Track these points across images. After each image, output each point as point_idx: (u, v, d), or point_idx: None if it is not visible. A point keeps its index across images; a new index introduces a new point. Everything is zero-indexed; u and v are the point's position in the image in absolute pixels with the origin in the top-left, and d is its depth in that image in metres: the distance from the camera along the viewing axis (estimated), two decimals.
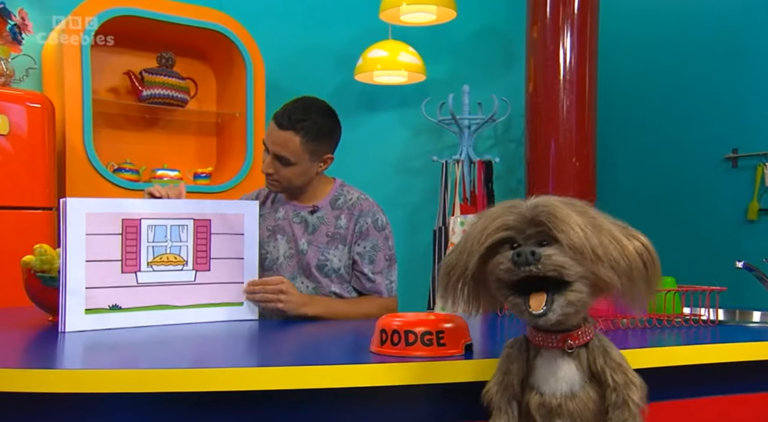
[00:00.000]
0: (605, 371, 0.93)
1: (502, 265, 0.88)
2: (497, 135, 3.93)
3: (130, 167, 3.02)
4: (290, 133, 1.70)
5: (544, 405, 0.93)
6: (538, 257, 0.85)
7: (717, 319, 1.53)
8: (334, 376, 1.00)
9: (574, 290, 0.87)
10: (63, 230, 1.44)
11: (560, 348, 0.93)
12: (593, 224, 0.88)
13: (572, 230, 0.85)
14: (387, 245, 1.81)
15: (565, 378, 0.93)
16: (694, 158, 3.38)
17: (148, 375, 0.98)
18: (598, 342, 0.95)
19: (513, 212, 0.90)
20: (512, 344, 0.98)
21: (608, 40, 3.47)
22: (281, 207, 1.86)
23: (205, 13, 3.08)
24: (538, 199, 0.90)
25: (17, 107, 2.51)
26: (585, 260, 0.86)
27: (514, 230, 0.89)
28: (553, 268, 0.86)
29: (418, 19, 3.24)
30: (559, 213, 0.87)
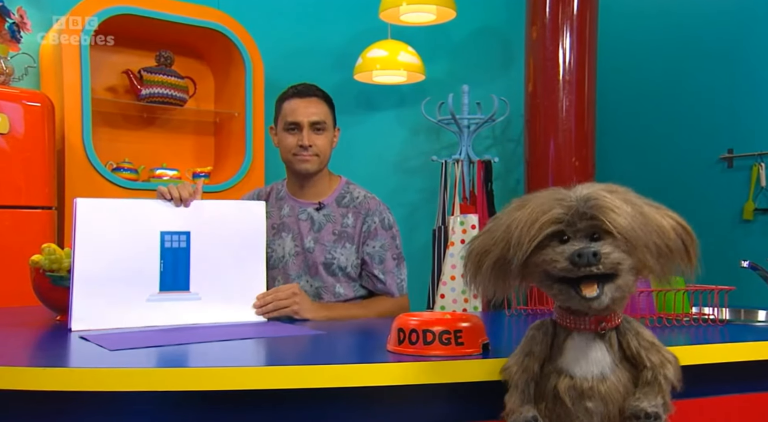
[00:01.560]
0: (640, 352, 0.94)
1: (558, 263, 0.87)
2: (496, 135, 3.93)
3: (129, 167, 3.00)
4: (316, 99, 1.81)
5: (575, 388, 0.93)
6: (599, 258, 0.85)
7: (726, 318, 1.54)
8: (352, 375, 1.00)
9: (622, 278, 0.88)
10: (73, 230, 1.43)
11: (593, 331, 0.94)
12: (641, 214, 0.89)
13: (625, 224, 0.86)
14: (394, 243, 1.82)
15: (596, 360, 0.94)
16: (690, 158, 3.40)
17: (161, 374, 0.98)
18: (628, 324, 0.96)
19: (563, 205, 0.88)
20: (539, 326, 0.98)
21: (607, 40, 3.48)
22: (286, 204, 1.84)
23: (204, 12, 3.07)
24: (587, 191, 0.90)
25: (16, 106, 2.49)
26: (635, 250, 0.87)
27: (565, 223, 0.88)
28: (612, 266, 0.87)
29: (417, 19, 3.24)
30: (610, 205, 0.87)
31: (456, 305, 3.13)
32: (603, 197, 0.88)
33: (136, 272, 1.49)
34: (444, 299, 3.15)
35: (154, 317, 1.48)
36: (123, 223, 1.50)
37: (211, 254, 1.57)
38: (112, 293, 1.45)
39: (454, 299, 3.13)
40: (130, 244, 1.49)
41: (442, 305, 3.15)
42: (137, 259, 1.49)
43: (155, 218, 1.54)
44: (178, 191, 1.57)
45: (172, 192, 1.56)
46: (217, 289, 1.56)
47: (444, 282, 3.16)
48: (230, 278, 1.58)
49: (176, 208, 1.56)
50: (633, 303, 1.46)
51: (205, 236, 1.58)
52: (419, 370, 1.02)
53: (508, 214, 0.94)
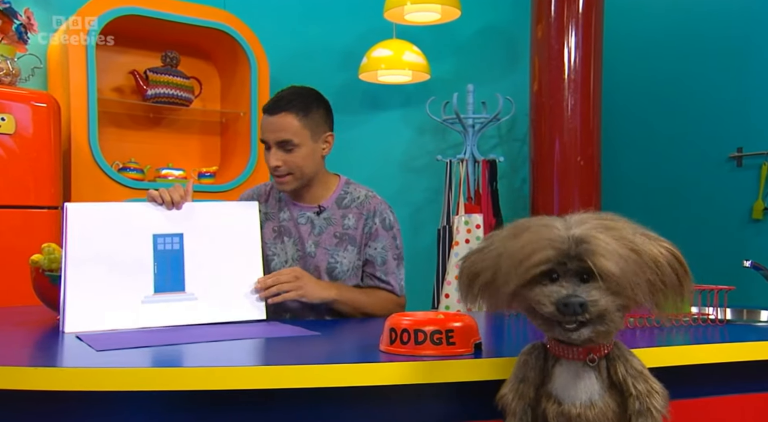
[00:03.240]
0: (627, 380, 0.94)
1: (545, 307, 0.87)
2: (501, 134, 3.92)
3: (135, 167, 3.02)
4: (283, 114, 1.68)
5: (563, 415, 0.93)
6: (585, 308, 0.86)
7: (726, 318, 1.52)
8: (344, 375, 1.00)
9: (609, 318, 0.88)
10: (64, 234, 1.44)
11: (582, 360, 0.94)
12: (631, 248, 0.88)
13: (615, 270, 0.85)
14: (395, 244, 1.80)
15: (585, 388, 0.94)
16: (698, 157, 3.38)
17: (154, 374, 0.98)
18: (618, 351, 0.96)
19: (554, 246, 0.88)
20: (530, 351, 0.98)
21: (613, 39, 3.46)
22: (286, 207, 1.81)
23: (210, 12, 3.08)
24: (581, 231, 0.88)
25: (23, 107, 2.51)
26: (625, 291, 0.87)
27: (555, 263, 0.88)
28: (598, 314, 0.87)
29: (422, 18, 3.23)
30: (602, 250, 0.86)
31: (461, 305, 3.11)
32: (595, 239, 0.87)
33: (130, 274, 1.49)
34: (449, 299, 3.15)
35: (150, 318, 1.48)
36: (114, 227, 1.50)
37: (205, 255, 1.57)
38: (105, 296, 1.45)
39: (458, 298, 3.12)
40: (122, 247, 1.50)
41: (446, 305, 3.15)
42: (130, 262, 1.49)
43: (147, 221, 1.54)
44: (169, 194, 1.56)
45: (163, 196, 1.56)
46: (213, 289, 1.56)
47: (449, 282, 3.16)
48: (226, 278, 1.58)
49: (168, 211, 1.56)
50: None
51: (198, 237, 1.57)
52: (410, 370, 1.02)
53: (502, 241, 0.94)
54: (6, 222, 2.47)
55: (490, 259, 0.93)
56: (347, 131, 3.62)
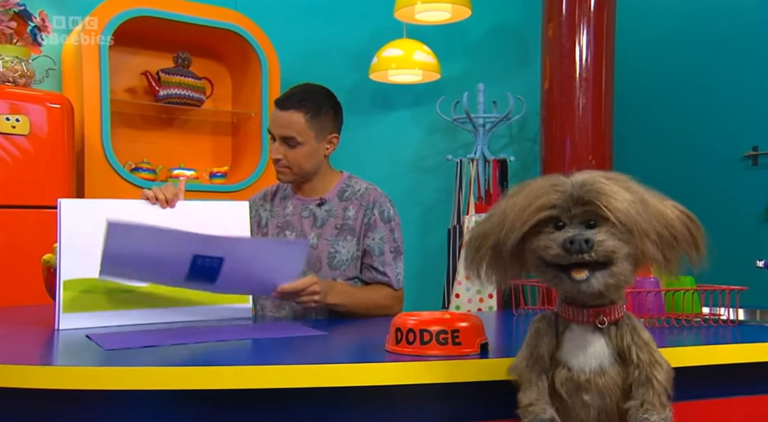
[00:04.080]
0: (631, 348, 0.92)
1: (551, 250, 0.86)
2: (512, 134, 3.91)
3: (147, 167, 3.04)
4: (292, 111, 1.72)
5: (572, 380, 0.92)
6: (591, 245, 0.84)
7: (737, 319, 1.51)
8: (350, 375, 1.00)
9: (618, 266, 0.86)
10: (58, 231, 1.46)
11: (592, 323, 0.92)
12: (640, 200, 0.87)
13: (622, 209, 0.84)
14: (392, 236, 1.79)
15: (594, 353, 0.92)
16: (712, 156, 3.34)
17: (157, 373, 0.99)
18: (629, 320, 0.94)
19: (557, 190, 0.87)
20: (541, 319, 0.97)
21: (625, 37, 3.43)
22: (289, 202, 1.85)
23: (221, 13, 3.10)
24: (584, 176, 0.88)
25: (37, 108, 2.54)
26: (633, 238, 0.85)
27: (559, 208, 0.87)
28: (605, 254, 0.85)
29: (432, 18, 3.23)
30: (607, 191, 0.85)
31: (471, 305, 3.12)
32: (600, 182, 0.86)
33: None
34: (459, 299, 3.14)
35: (144, 316, 1.51)
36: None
37: None
38: (99, 293, 1.47)
39: (469, 298, 3.12)
40: None
41: (457, 305, 3.14)
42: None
43: (139, 218, 1.54)
44: (163, 193, 1.60)
45: (157, 195, 1.60)
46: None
47: (459, 282, 3.15)
48: None
49: (161, 209, 1.60)
50: (641, 303, 1.44)
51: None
52: (416, 370, 1.02)
53: (506, 199, 0.93)
54: (20, 222, 2.50)
55: (497, 218, 0.92)
56: (358, 130, 3.62)
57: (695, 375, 1.21)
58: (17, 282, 2.38)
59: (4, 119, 2.45)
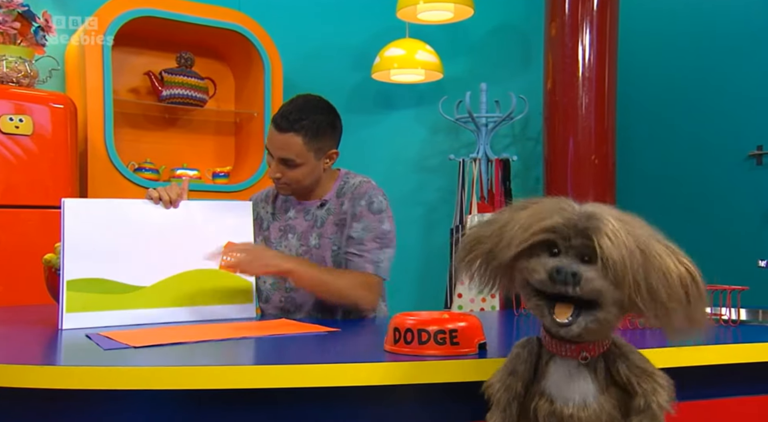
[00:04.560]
0: (631, 380, 0.90)
1: (537, 274, 0.84)
2: (515, 133, 3.90)
3: (150, 167, 3.05)
4: (290, 134, 1.67)
5: (555, 414, 0.90)
6: (578, 280, 0.81)
7: (738, 319, 1.50)
8: (348, 374, 1.01)
9: (603, 310, 0.84)
10: (62, 230, 1.47)
11: (575, 359, 0.90)
12: (642, 247, 0.83)
13: (615, 255, 0.81)
14: (380, 228, 1.72)
15: (578, 388, 0.90)
16: (717, 155, 3.33)
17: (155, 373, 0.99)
18: (617, 350, 0.92)
19: (563, 216, 0.85)
20: (524, 344, 0.95)
21: (628, 36, 3.43)
22: (291, 207, 1.85)
23: (224, 13, 3.10)
24: (593, 209, 0.85)
25: (41, 108, 2.55)
26: (624, 285, 0.82)
27: (559, 234, 0.84)
28: (591, 294, 0.82)
29: (435, 17, 3.23)
30: (609, 231, 0.81)
31: (474, 305, 3.11)
32: (605, 219, 0.83)
33: (127, 271, 1.53)
34: (461, 299, 3.14)
35: (147, 316, 1.52)
36: (111, 223, 1.54)
37: (199, 253, 1.61)
38: (102, 292, 1.49)
39: (471, 298, 3.12)
40: (119, 243, 1.53)
41: (459, 305, 3.14)
42: (127, 258, 1.53)
43: (143, 217, 1.58)
44: (167, 193, 1.61)
45: (161, 195, 1.61)
46: (205, 286, 1.61)
47: (462, 282, 3.15)
48: (218, 276, 1.63)
49: (165, 208, 1.61)
50: None
51: (193, 234, 1.62)
52: (413, 370, 1.02)
53: (511, 212, 0.91)
54: (24, 222, 2.51)
55: (496, 228, 0.90)
56: (360, 130, 3.63)
57: (695, 375, 1.21)
58: (21, 282, 2.39)
59: (8, 119, 2.46)
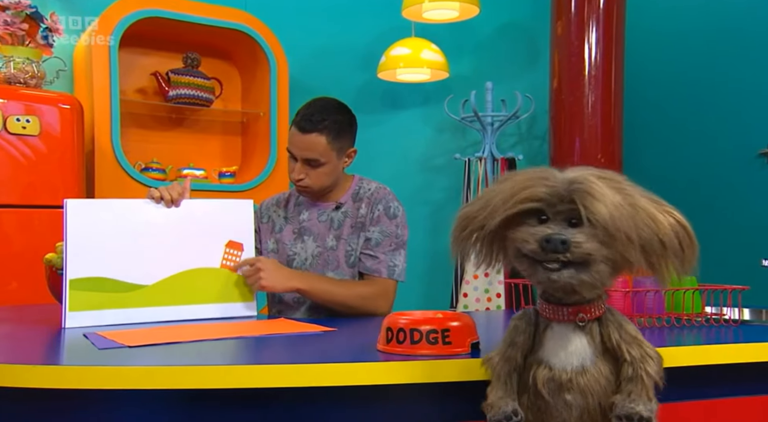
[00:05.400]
0: (621, 345, 0.91)
1: (528, 244, 0.85)
2: (521, 132, 3.89)
3: (157, 167, 3.07)
4: (315, 135, 1.73)
5: (554, 380, 0.91)
6: (567, 246, 0.83)
7: (740, 318, 1.49)
8: (339, 374, 1.00)
9: (594, 266, 0.85)
10: (64, 230, 1.49)
11: (571, 322, 0.91)
12: (629, 202, 0.84)
13: (604, 213, 0.82)
14: (396, 232, 1.79)
15: (576, 352, 0.91)
16: (726, 154, 3.29)
17: (150, 373, 0.99)
18: (612, 316, 0.93)
19: (546, 184, 0.86)
20: (521, 316, 0.96)
21: (635, 33, 3.40)
22: (305, 209, 1.87)
23: (230, 13, 3.12)
24: (574, 174, 0.86)
25: (47, 108, 2.57)
26: (615, 242, 0.83)
27: (544, 202, 0.86)
28: (581, 257, 0.84)
29: (440, 16, 3.22)
30: (594, 192, 0.83)
31: (479, 304, 3.11)
32: (589, 181, 0.84)
33: (129, 270, 1.54)
34: (467, 298, 3.14)
35: (149, 314, 1.53)
36: (114, 222, 1.55)
37: (200, 251, 1.63)
38: (105, 291, 1.50)
39: (477, 298, 3.11)
40: (121, 243, 1.55)
41: (465, 304, 3.13)
42: (129, 258, 1.55)
43: (145, 216, 1.60)
44: (169, 193, 1.63)
45: (163, 195, 1.62)
46: (206, 285, 1.62)
47: (467, 281, 3.14)
48: (219, 274, 1.65)
49: (166, 207, 1.63)
50: (641, 302, 1.43)
51: (194, 233, 1.64)
52: (405, 369, 1.02)
53: (495, 184, 0.93)
54: (31, 222, 2.53)
55: (482, 201, 0.91)
56: (367, 130, 3.59)
57: (695, 375, 1.20)
58: (28, 281, 2.41)
59: (15, 120, 2.48)
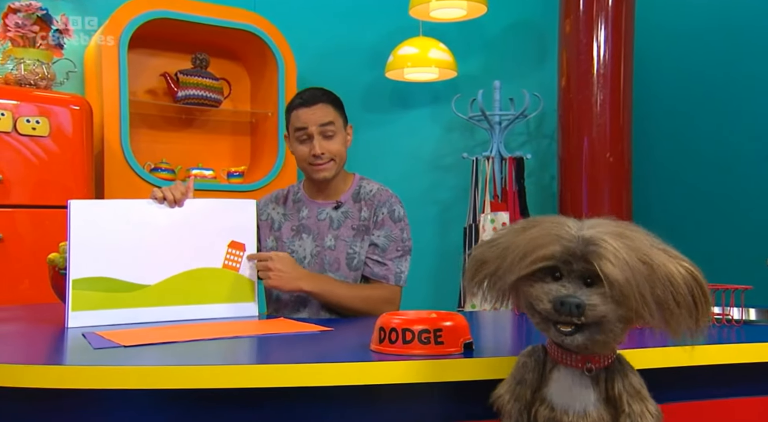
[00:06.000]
0: (622, 396, 0.91)
1: (542, 304, 0.85)
2: (530, 131, 3.87)
3: (166, 167, 3.10)
4: (321, 104, 1.78)
5: (554, 421, 0.91)
6: (582, 310, 0.83)
7: (742, 318, 1.47)
8: (330, 374, 1.01)
9: (608, 327, 0.85)
10: (68, 231, 1.51)
11: (579, 369, 0.91)
12: (645, 260, 0.84)
13: (619, 277, 0.82)
14: (401, 236, 1.80)
15: (580, 396, 0.91)
16: (738, 153, 3.25)
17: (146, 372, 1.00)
18: (619, 365, 0.93)
19: (562, 243, 0.86)
20: (530, 353, 0.96)
21: (645, 31, 3.37)
22: (304, 207, 1.87)
23: (238, 14, 3.13)
24: (590, 232, 0.86)
25: (57, 109, 2.60)
26: (630, 302, 0.83)
27: (560, 261, 0.86)
28: (595, 319, 0.84)
29: (448, 15, 3.21)
30: (609, 254, 0.83)
31: (487, 304, 3.09)
32: (604, 243, 0.83)
33: (132, 270, 1.55)
34: (475, 298, 3.13)
35: (151, 314, 1.54)
36: (117, 223, 1.56)
37: (203, 250, 1.63)
38: (108, 291, 1.51)
39: None
40: (124, 243, 1.56)
41: (473, 304, 3.12)
42: (132, 258, 1.56)
43: (148, 217, 1.60)
44: (172, 193, 1.63)
45: (166, 195, 1.63)
46: (209, 284, 1.63)
47: None
48: (221, 274, 1.65)
49: (170, 207, 1.63)
50: None
51: (197, 233, 1.64)
52: (397, 369, 1.02)
53: (511, 234, 0.93)
54: (41, 222, 2.57)
55: (498, 251, 0.92)
56: (376, 129, 3.63)
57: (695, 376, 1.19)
58: (39, 281, 2.43)
59: (25, 121, 2.51)
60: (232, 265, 1.68)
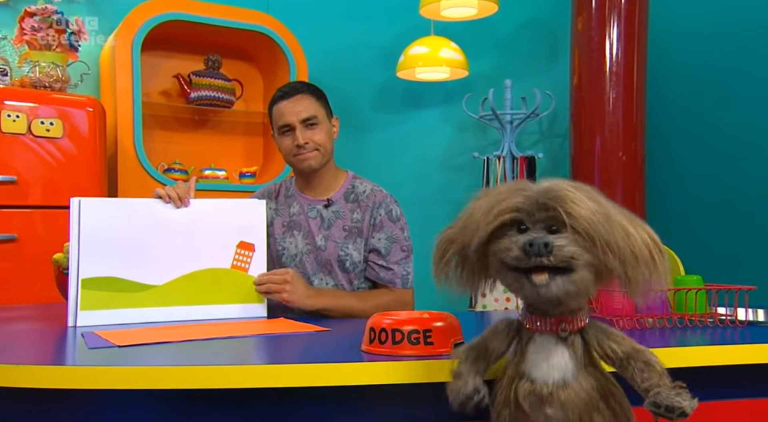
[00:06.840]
0: (611, 346, 0.91)
1: (511, 252, 0.86)
2: (542, 130, 3.84)
3: (180, 167, 3.13)
4: (300, 95, 1.78)
5: (534, 393, 0.91)
6: (550, 249, 0.84)
7: (746, 319, 1.45)
8: (319, 374, 1.01)
9: (578, 273, 0.85)
10: (72, 229, 1.53)
11: (554, 333, 0.91)
12: (603, 212, 0.86)
13: (585, 216, 0.84)
14: (402, 236, 1.79)
15: (558, 365, 0.91)
16: (755, 152, 3.18)
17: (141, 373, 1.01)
18: (596, 326, 0.93)
19: (522, 194, 0.88)
20: (504, 321, 0.97)
21: (658, 28, 3.32)
22: (294, 202, 1.86)
23: (250, 15, 3.16)
24: (550, 183, 0.89)
25: (71, 111, 2.64)
26: (594, 247, 0.84)
27: (523, 212, 0.87)
28: (564, 259, 0.84)
29: (459, 14, 3.20)
30: (571, 198, 0.85)
31: (498, 304, 3.08)
32: (564, 189, 0.86)
33: (140, 270, 1.55)
34: (485, 299, 3.12)
35: (159, 314, 1.54)
36: (121, 221, 1.57)
37: (210, 251, 1.62)
38: (111, 290, 1.52)
39: (495, 298, 3.09)
40: (132, 242, 1.56)
41: (484, 304, 3.12)
42: (136, 257, 1.56)
43: (156, 216, 1.60)
44: (176, 192, 1.63)
45: (169, 193, 1.63)
46: (217, 285, 1.62)
47: None
48: (230, 275, 1.64)
49: (175, 207, 1.63)
50: None
51: (205, 234, 1.63)
52: (385, 370, 1.02)
53: (471, 203, 0.94)
54: (55, 222, 2.60)
55: (461, 221, 0.93)
56: (388, 129, 3.63)
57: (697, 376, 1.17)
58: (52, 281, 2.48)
59: (39, 123, 2.56)
60: (241, 266, 1.67)
